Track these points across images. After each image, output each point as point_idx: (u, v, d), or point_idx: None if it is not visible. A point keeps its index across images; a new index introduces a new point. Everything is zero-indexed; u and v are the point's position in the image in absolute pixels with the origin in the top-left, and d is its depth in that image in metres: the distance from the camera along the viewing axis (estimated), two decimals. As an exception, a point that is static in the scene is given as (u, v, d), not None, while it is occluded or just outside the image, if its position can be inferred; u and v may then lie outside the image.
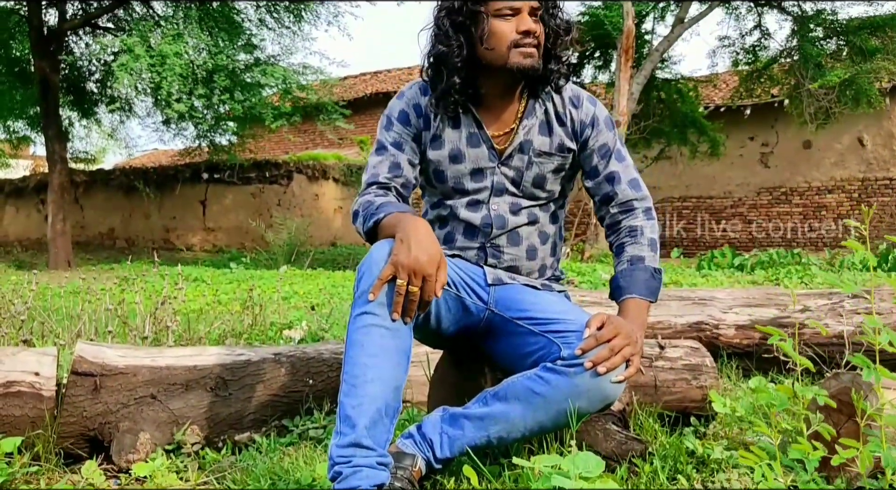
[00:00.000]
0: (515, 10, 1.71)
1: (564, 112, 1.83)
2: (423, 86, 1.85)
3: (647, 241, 1.82)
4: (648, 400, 1.99)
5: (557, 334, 1.61)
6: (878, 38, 11.96)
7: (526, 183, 1.81)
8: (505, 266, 1.82)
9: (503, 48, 1.71)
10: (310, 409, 2.20)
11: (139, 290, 4.29)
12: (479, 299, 1.76)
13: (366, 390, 1.50)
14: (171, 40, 10.32)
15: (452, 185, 1.82)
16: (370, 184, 1.80)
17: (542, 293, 1.80)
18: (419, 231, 1.56)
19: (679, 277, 7.36)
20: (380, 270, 1.55)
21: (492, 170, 1.80)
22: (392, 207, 1.68)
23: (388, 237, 1.62)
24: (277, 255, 11.42)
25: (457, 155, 1.80)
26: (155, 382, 2.05)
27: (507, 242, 1.81)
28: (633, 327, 1.62)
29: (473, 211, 1.80)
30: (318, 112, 11.74)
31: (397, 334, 1.55)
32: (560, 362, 1.56)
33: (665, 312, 2.82)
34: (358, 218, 1.75)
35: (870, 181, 14.03)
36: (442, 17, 1.74)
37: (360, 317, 1.55)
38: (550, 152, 1.82)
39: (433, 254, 1.54)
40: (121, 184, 16.12)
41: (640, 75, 11.13)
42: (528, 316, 1.69)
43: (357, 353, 1.53)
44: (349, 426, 1.49)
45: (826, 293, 2.79)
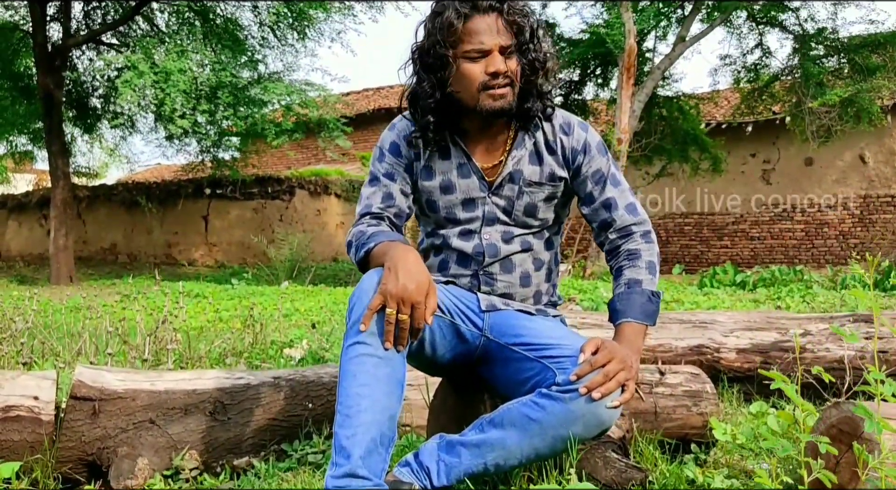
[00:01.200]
0: (484, 51, 1.68)
1: (555, 140, 1.83)
2: None
3: (644, 264, 1.81)
4: (648, 427, 1.98)
5: (552, 360, 1.61)
6: (880, 56, 12.01)
7: (517, 212, 1.81)
8: (499, 293, 1.82)
9: (472, 90, 1.70)
10: (309, 433, 2.19)
11: (140, 309, 4.28)
12: (474, 326, 1.76)
13: (360, 420, 1.51)
14: (174, 57, 10.38)
15: (444, 214, 1.83)
16: (363, 214, 1.82)
17: (537, 318, 1.80)
18: (407, 259, 1.57)
19: (680, 295, 7.35)
20: (369, 300, 1.56)
21: (482, 200, 1.81)
22: (382, 237, 1.70)
23: (378, 266, 1.63)
24: (279, 271, 11.43)
25: (448, 185, 1.81)
26: (154, 407, 2.04)
27: (500, 270, 1.82)
28: (628, 352, 1.62)
29: (465, 240, 1.81)
30: (319, 128, 11.78)
31: (390, 363, 1.56)
32: (555, 388, 1.56)
33: (666, 335, 2.82)
34: (351, 248, 1.78)
35: (871, 198, 14.04)
36: (415, 57, 1.76)
37: (352, 347, 1.56)
38: (541, 182, 1.81)
39: (421, 281, 1.55)
40: (123, 199, 16.15)
41: (642, 93, 11.16)
42: (523, 341, 1.68)
43: (350, 384, 1.54)
44: (344, 457, 1.49)
45: (826, 317, 2.78)
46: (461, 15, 1.68)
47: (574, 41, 12.32)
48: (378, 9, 13.09)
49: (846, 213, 14.25)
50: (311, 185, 15.64)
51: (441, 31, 1.69)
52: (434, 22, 1.71)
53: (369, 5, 12.82)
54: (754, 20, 12.72)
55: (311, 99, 11.48)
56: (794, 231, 14.76)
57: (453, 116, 1.78)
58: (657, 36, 12.61)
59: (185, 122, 10.17)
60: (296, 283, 10.47)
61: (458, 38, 1.68)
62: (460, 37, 1.68)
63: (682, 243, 15.89)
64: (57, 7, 12.85)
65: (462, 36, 1.68)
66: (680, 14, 12.32)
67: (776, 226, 14.94)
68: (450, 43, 1.69)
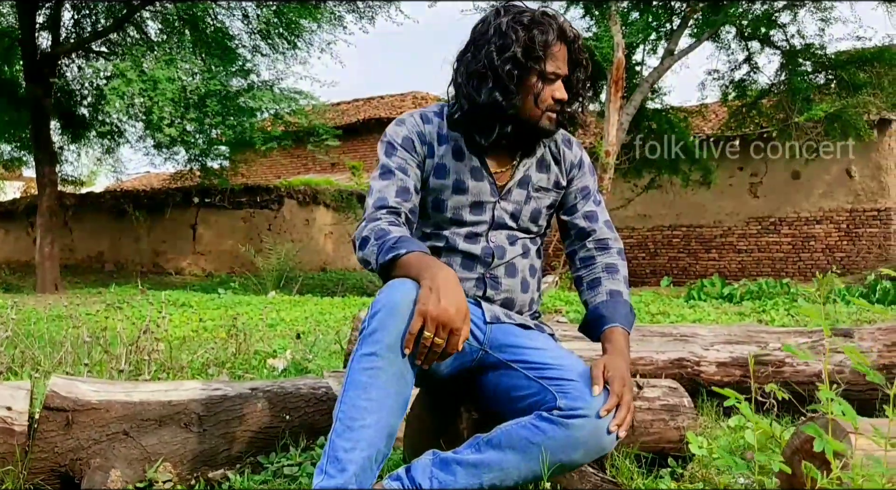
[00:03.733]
0: (559, 76, 1.75)
1: (559, 151, 1.91)
2: (423, 115, 1.86)
3: (623, 279, 1.87)
4: (625, 440, 1.98)
5: (553, 382, 1.59)
6: (866, 72, 12.12)
7: (524, 217, 1.85)
8: (502, 299, 1.82)
9: (541, 109, 1.75)
10: (286, 445, 2.17)
11: (122, 318, 4.26)
12: (475, 339, 1.74)
13: (362, 435, 1.48)
14: (163, 65, 10.37)
15: (451, 215, 1.81)
16: (379, 207, 1.74)
17: (537, 336, 1.79)
18: (449, 280, 1.52)
19: (667, 307, 7.37)
20: (399, 313, 1.51)
21: (492, 204, 1.82)
22: (413, 245, 1.62)
23: (406, 277, 1.57)
24: (266, 281, 11.39)
25: (461, 186, 1.81)
26: (128, 418, 2.02)
27: (504, 273, 1.82)
28: (626, 368, 1.63)
29: (472, 243, 1.81)
30: (309, 136, 11.78)
31: (402, 381, 1.53)
32: (556, 412, 1.54)
33: (647, 348, 2.82)
34: (369, 246, 1.66)
35: (858, 212, 14.14)
36: (507, 67, 1.71)
37: (367, 357, 1.51)
38: (548, 188, 1.88)
39: (461, 306, 1.50)
40: (110, 207, 16.08)
41: (630, 106, 11.22)
42: (523, 360, 1.67)
43: (358, 395, 1.50)
44: (338, 469, 1.46)
45: (806, 331, 2.79)
46: (556, 36, 1.73)
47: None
48: (368, 19, 13.12)
49: (832, 226, 14.34)
50: (301, 194, 15.63)
51: (538, 47, 1.71)
52: (528, 34, 1.70)
53: (360, 15, 12.86)
54: (742, 36, 12.82)
55: (301, 107, 11.49)
56: (780, 244, 14.84)
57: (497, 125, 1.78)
58: (646, 49, 12.68)
59: (174, 130, 10.14)
60: (283, 293, 10.44)
61: (546, 58, 1.72)
62: (547, 57, 1.72)
63: (670, 255, 15.96)
64: (47, 15, 12.83)
65: (548, 57, 1.72)
66: (669, 28, 12.40)
67: (763, 239, 15.02)
68: (541, 59, 1.72)
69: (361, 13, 12.80)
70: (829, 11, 11.84)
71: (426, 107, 1.91)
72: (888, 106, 12.05)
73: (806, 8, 12.06)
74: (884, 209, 13.90)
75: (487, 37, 1.74)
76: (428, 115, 1.86)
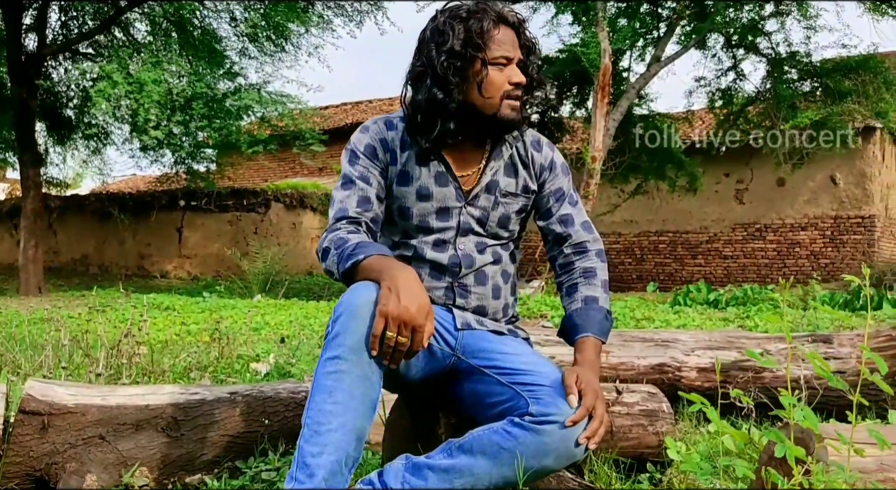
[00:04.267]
0: (509, 59, 1.72)
1: (527, 154, 1.86)
2: (388, 121, 1.83)
3: (600, 282, 1.83)
4: (604, 446, 1.98)
5: (525, 387, 1.58)
6: (851, 80, 12.22)
7: (491, 223, 1.81)
8: (473, 306, 1.80)
9: (496, 98, 1.72)
10: (264, 450, 2.16)
11: (103, 322, 4.23)
12: (447, 345, 1.73)
13: (329, 439, 1.47)
14: (149, 67, 10.32)
15: (417, 222, 1.79)
16: (339, 218, 1.74)
17: (511, 341, 1.78)
18: (409, 279, 1.52)
19: (652, 313, 7.39)
20: (359, 315, 1.51)
21: (458, 210, 1.79)
22: (372, 249, 1.62)
23: (367, 280, 1.57)
24: (252, 284, 11.35)
25: (425, 193, 1.78)
26: (104, 422, 2.01)
27: (474, 282, 1.80)
28: (596, 380, 1.62)
29: (440, 251, 1.78)
30: (295, 140, 11.75)
31: (368, 382, 1.52)
32: (528, 418, 1.53)
33: (628, 354, 2.82)
34: (330, 256, 1.67)
35: (842, 219, 14.24)
36: (441, 60, 1.69)
37: (331, 361, 1.51)
38: (516, 193, 1.83)
39: (422, 303, 1.50)
40: (95, 209, 15.98)
41: (617, 112, 11.26)
42: (496, 365, 1.66)
43: (324, 399, 1.50)
44: (306, 475, 1.46)
45: (785, 337, 2.80)
46: (493, 22, 1.71)
47: (550, 59, 12.41)
48: (357, 23, 13.13)
49: (817, 233, 14.44)
50: (287, 198, 15.59)
51: (475, 35, 1.69)
52: (465, 25, 1.70)
53: (348, 19, 12.86)
54: (729, 43, 12.91)
55: (288, 111, 11.46)
56: (766, 250, 14.93)
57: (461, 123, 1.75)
58: (632, 56, 12.75)
59: (160, 132, 10.10)
60: (269, 297, 10.40)
61: (488, 45, 1.70)
62: (490, 43, 1.70)
63: (656, 261, 16.02)
64: (33, 16, 12.76)
65: (491, 42, 1.70)
66: (656, 35, 12.47)
67: (749, 245, 15.11)
68: (480, 47, 1.70)
69: (350, 17, 12.80)
70: (814, 20, 11.94)
71: (393, 112, 1.88)
72: (872, 114, 12.15)
73: (792, 16, 12.15)
74: (868, 216, 14.02)
75: (427, 38, 1.74)
76: (392, 121, 1.83)
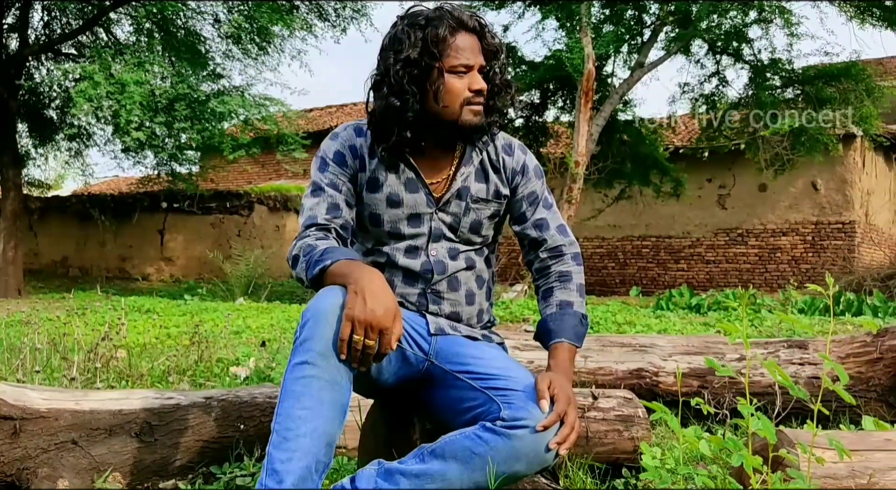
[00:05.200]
0: (469, 67, 1.71)
1: (498, 159, 1.85)
2: (358, 127, 1.83)
3: (575, 286, 1.83)
4: (579, 451, 1.98)
5: (498, 392, 1.58)
6: (833, 88, 12.32)
7: (463, 229, 1.81)
8: (446, 313, 1.79)
9: (456, 105, 1.71)
10: (240, 455, 2.15)
11: (80, 325, 4.19)
12: (420, 350, 1.73)
13: (297, 444, 1.46)
14: (132, 68, 10.26)
15: (388, 229, 1.79)
16: (308, 226, 1.74)
17: (484, 346, 1.77)
18: (374, 282, 1.52)
19: (633, 317, 7.42)
20: (326, 320, 1.51)
21: (429, 215, 1.79)
22: (339, 254, 1.62)
23: (335, 285, 1.57)
24: (234, 287, 11.30)
25: (395, 199, 1.78)
26: (77, 427, 1.99)
27: (447, 288, 1.79)
28: (569, 385, 1.62)
29: (412, 258, 1.78)
30: (278, 143, 11.70)
31: (336, 387, 1.51)
32: (500, 423, 1.53)
33: (607, 359, 2.83)
34: (299, 263, 1.68)
35: (823, 225, 14.35)
36: (398, 69, 1.69)
37: (298, 366, 1.51)
38: (487, 198, 1.82)
39: (389, 306, 1.50)
40: (76, 211, 15.86)
41: (600, 117, 11.31)
42: (469, 370, 1.66)
43: (292, 405, 1.49)
44: (276, 482, 1.45)
45: (762, 343, 2.82)
46: (451, 29, 1.69)
47: (534, 64, 12.45)
48: (341, 30, 13.11)
49: (798, 238, 14.54)
50: (271, 200, 15.53)
51: (431, 44, 1.68)
52: (422, 33, 1.69)
53: (331, 24, 12.84)
54: (712, 50, 12.99)
55: (271, 114, 11.42)
56: (748, 255, 15.02)
57: (420, 132, 1.75)
58: (616, 61, 12.81)
59: (141, 133, 10.03)
60: (251, 300, 10.36)
61: (446, 53, 1.69)
62: (447, 51, 1.69)
63: (639, 265, 16.07)
64: (15, 16, 12.66)
65: (449, 50, 1.69)
66: (639, 41, 12.53)
67: (731, 250, 15.19)
68: (437, 56, 1.69)
69: (333, 23, 12.79)
70: (796, 27, 12.03)
71: (364, 118, 1.86)
72: (853, 120, 12.26)
73: (774, 23, 12.24)
74: (848, 222, 14.13)
75: (386, 45, 1.74)
76: (362, 128, 1.82)
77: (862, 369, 2.62)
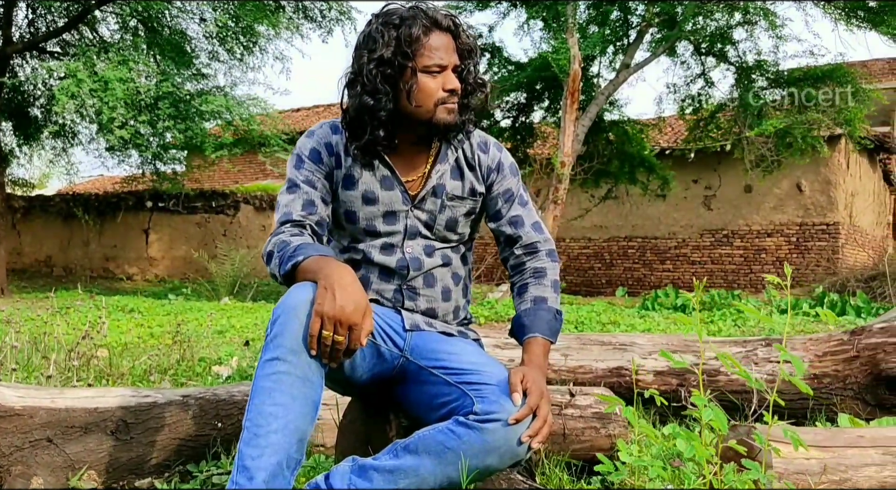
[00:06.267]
0: (443, 67, 1.71)
1: (474, 157, 1.86)
2: (334, 125, 1.83)
3: (550, 282, 1.84)
4: (557, 448, 1.99)
5: (472, 387, 1.58)
6: (818, 89, 12.40)
7: (439, 226, 1.81)
8: (422, 309, 1.80)
9: (430, 104, 1.71)
10: (217, 453, 2.14)
11: (62, 324, 4.16)
12: (395, 346, 1.73)
13: (269, 441, 1.46)
14: (115, 66, 10.20)
15: (364, 226, 1.79)
16: (283, 222, 1.74)
17: (459, 342, 1.77)
18: (344, 278, 1.52)
19: (618, 317, 7.44)
20: (297, 316, 1.50)
21: (405, 213, 1.79)
22: (311, 250, 1.62)
23: (306, 281, 1.57)
24: (220, 287, 11.26)
25: (370, 197, 1.78)
26: (52, 425, 1.98)
27: (422, 284, 1.80)
28: (543, 380, 1.62)
29: (387, 254, 1.78)
30: (261, 144, 11.65)
31: (308, 383, 1.51)
32: (472, 417, 1.53)
33: (587, 357, 2.84)
34: (273, 260, 1.68)
35: (807, 226, 14.45)
36: (371, 68, 1.69)
37: (270, 363, 1.50)
38: (463, 196, 1.83)
39: (359, 302, 1.50)
40: (60, 210, 15.76)
41: (586, 117, 11.33)
42: (444, 366, 1.66)
43: (263, 401, 1.48)
44: (246, 478, 1.44)
45: (741, 341, 2.84)
46: (425, 29, 1.69)
47: (521, 64, 12.47)
48: (327, 30, 13.08)
49: (783, 239, 14.63)
50: (257, 200, 15.47)
51: (404, 43, 1.68)
52: (396, 33, 1.69)
53: (318, 24, 12.82)
54: (698, 51, 13.05)
55: (252, 116, 11.35)
56: (733, 256, 15.10)
57: (394, 131, 1.75)
58: (602, 62, 12.85)
59: (125, 132, 9.97)
60: (237, 300, 10.32)
61: (419, 52, 1.69)
62: (421, 51, 1.69)
63: (625, 266, 16.13)
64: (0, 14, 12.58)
65: (422, 50, 1.69)
66: (625, 42, 12.57)
67: (716, 251, 15.27)
68: (410, 55, 1.68)
69: (319, 23, 12.76)
70: (780, 29, 12.10)
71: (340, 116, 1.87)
72: (838, 122, 12.34)
73: (759, 24, 12.31)
74: (832, 223, 14.23)
75: (360, 43, 1.74)
76: (338, 126, 1.83)
77: (839, 367, 2.63)
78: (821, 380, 2.63)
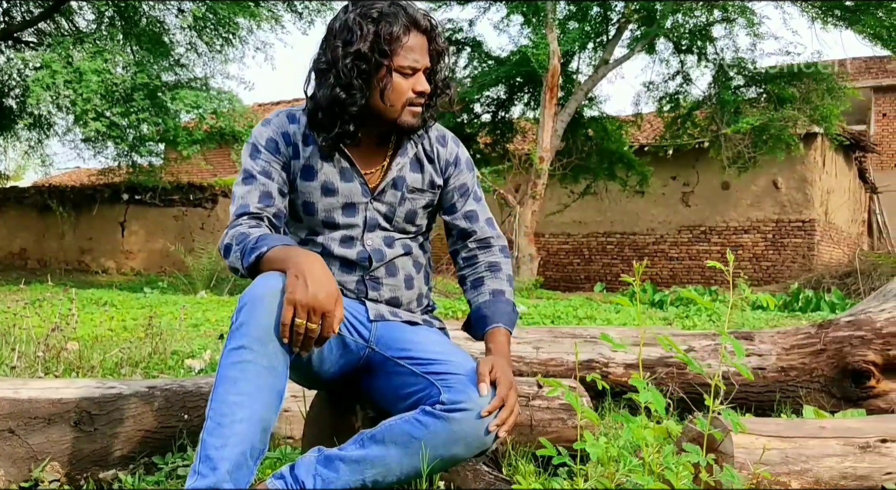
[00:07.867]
0: (415, 69, 1.70)
1: (433, 150, 1.86)
2: (291, 114, 1.81)
3: (505, 276, 1.86)
4: (524, 439, 1.99)
5: (438, 376, 1.58)
6: (794, 87, 12.51)
7: (398, 218, 1.81)
8: (386, 298, 1.79)
9: (399, 104, 1.70)
10: (183, 445, 2.12)
11: (32, 316, 4.11)
12: (360, 337, 1.72)
13: (233, 430, 1.45)
14: (90, 57, 10.08)
15: (323, 218, 1.77)
16: (240, 214, 1.70)
17: (424, 331, 1.78)
18: (314, 266, 1.51)
19: (594, 312, 7.47)
20: (264, 305, 1.49)
21: (364, 205, 1.78)
22: (274, 240, 1.60)
23: (273, 271, 1.55)
24: (196, 281, 11.17)
25: (330, 188, 1.76)
26: (15, 415, 1.95)
27: (385, 273, 1.79)
28: (510, 371, 1.62)
29: (348, 247, 1.76)
30: (234, 140, 11.53)
31: (273, 373, 1.50)
32: (439, 407, 1.53)
33: (558, 350, 2.85)
34: (232, 253, 1.64)
35: (783, 223, 14.59)
36: (347, 62, 1.66)
37: (235, 351, 1.49)
38: (423, 189, 1.83)
39: (331, 289, 1.49)
40: (35, 202, 15.57)
41: (565, 113, 11.37)
42: (410, 356, 1.66)
43: (227, 390, 1.47)
44: (210, 468, 1.43)
45: (710, 334, 2.86)
46: (405, 28, 1.67)
47: (501, 60, 12.47)
48: (308, 21, 13.00)
49: (759, 236, 14.77)
50: (235, 193, 15.37)
51: (383, 41, 1.65)
52: (375, 27, 1.66)
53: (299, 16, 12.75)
54: (677, 48, 13.12)
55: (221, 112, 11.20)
56: (710, 252, 15.21)
57: (359, 124, 1.74)
58: (581, 58, 12.89)
59: (99, 124, 9.86)
60: (213, 293, 10.25)
61: (397, 52, 1.67)
62: (398, 50, 1.67)
63: (603, 262, 16.21)
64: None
65: (400, 50, 1.67)
66: (604, 38, 12.62)
67: (694, 247, 15.38)
68: (388, 54, 1.66)
69: (300, 15, 12.69)
70: (758, 27, 12.20)
71: (298, 105, 1.84)
72: (814, 119, 12.46)
73: (737, 22, 12.40)
74: (808, 220, 14.38)
75: (334, 33, 1.70)
76: (295, 115, 1.80)
77: (806, 360, 2.66)
78: (788, 372, 2.65)
